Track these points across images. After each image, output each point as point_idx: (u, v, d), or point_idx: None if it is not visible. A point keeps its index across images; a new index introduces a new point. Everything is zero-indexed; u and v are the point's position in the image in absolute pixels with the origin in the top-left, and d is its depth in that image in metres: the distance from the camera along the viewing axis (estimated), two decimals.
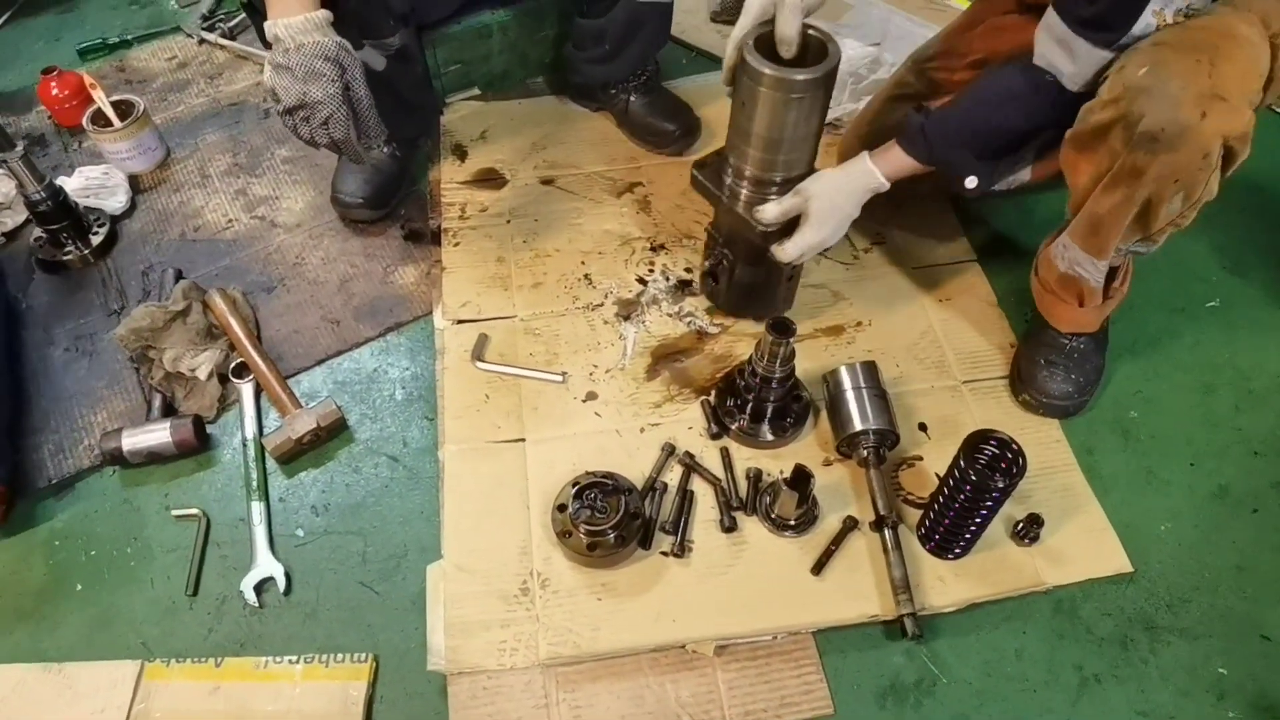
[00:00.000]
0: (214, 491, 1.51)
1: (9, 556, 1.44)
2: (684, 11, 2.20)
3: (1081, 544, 1.42)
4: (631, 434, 1.54)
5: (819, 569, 1.38)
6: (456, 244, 1.82)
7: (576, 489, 1.38)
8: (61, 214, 1.75)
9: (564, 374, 1.61)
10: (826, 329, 1.69)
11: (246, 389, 1.60)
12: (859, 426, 1.43)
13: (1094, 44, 1.23)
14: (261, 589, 1.39)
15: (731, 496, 1.45)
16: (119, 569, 1.42)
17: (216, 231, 1.88)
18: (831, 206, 1.40)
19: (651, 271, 1.77)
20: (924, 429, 1.55)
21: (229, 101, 2.16)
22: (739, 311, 1.67)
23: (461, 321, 1.69)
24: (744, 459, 1.51)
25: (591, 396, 1.59)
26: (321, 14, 1.30)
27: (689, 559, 1.40)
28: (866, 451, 1.44)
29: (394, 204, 1.89)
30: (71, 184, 1.85)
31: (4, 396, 1.56)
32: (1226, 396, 1.62)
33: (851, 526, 1.42)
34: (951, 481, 1.29)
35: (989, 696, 1.29)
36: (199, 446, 1.52)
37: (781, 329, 1.34)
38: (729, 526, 1.42)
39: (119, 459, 1.49)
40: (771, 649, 1.32)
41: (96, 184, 1.88)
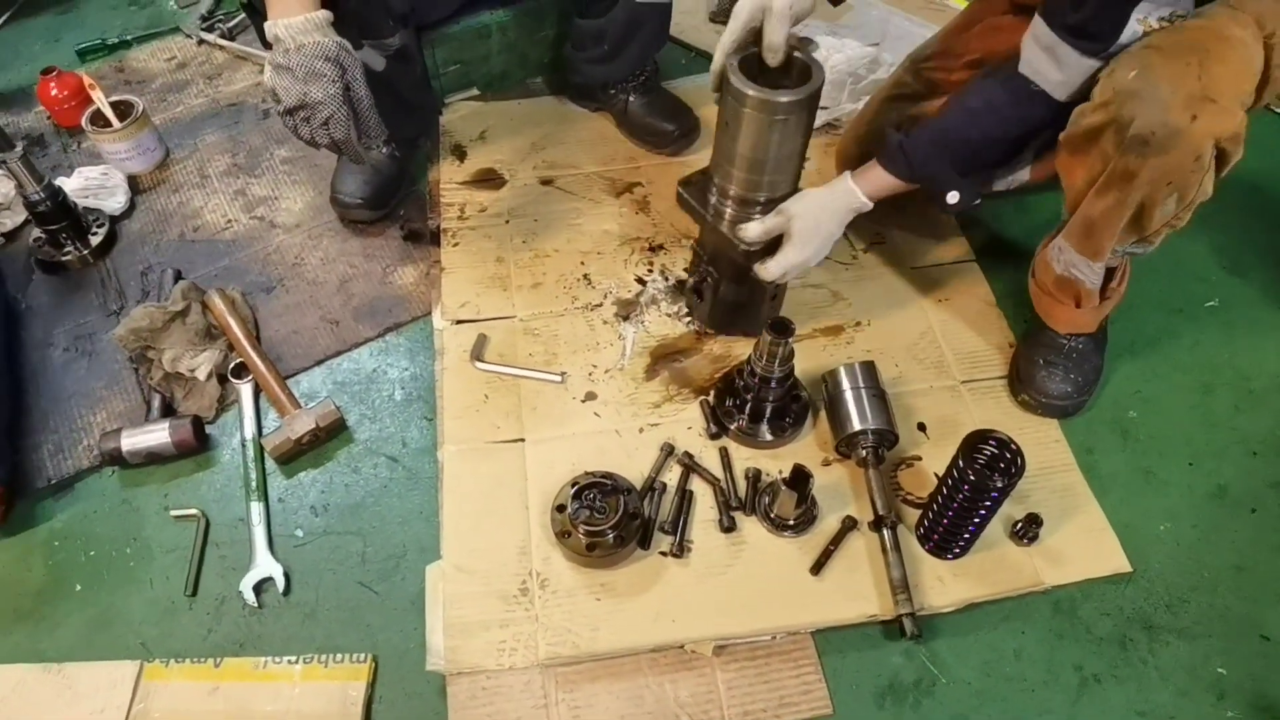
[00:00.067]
0: (213, 492, 1.51)
1: (8, 557, 1.44)
2: (683, 12, 2.20)
3: (1080, 544, 1.42)
4: (630, 434, 1.54)
5: (818, 569, 1.38)
6: (455, 244, 1.82)
7: (575, 489, 1.38)
8: (61, 214, 1.75)
9: (563, 374, 1.61)
10: (825, 329, 1.69)
11: (246, 389, 1.60)
12: (858, 426, 1.43)
13: (1082, 52, 1.23)
14: (260, 589, 1.39)
15: (730, 496, 1.45)
16: (118, 569, 1.42)
17: (216, 232, 1.88)
18: (814, 226, 1.40)
19: (650, 272, 1.78)
20: (923, 429, 1.55)
21: (228, 102, 2.16)
22: (724, 328, 1.66)
23: (461, 322, 1.69)
24: (743, 459, 1.51)
25: (590, 396, 1.59)
26: (322, 14, 1.30)
27: (688, 559, 1.40)
28: (865, 451, 1.44)
29: (393, 204, 1.89)
30: (71, 184, 1.85)
31: (3, 397, 1.56)
32: (1225, 396, 1.62)
33: (850, 526, 1.42)
34: (950, 481, 1.29)
35: (988, 696, 1.30)
36: (198, 447, 1.53)
37: (780, 329, 1.34)
38: (728, 526, 1.42)
39: (118, 459, 1.49)
40: (770, 649, 1.32)
41: (96, 184, 1.88)
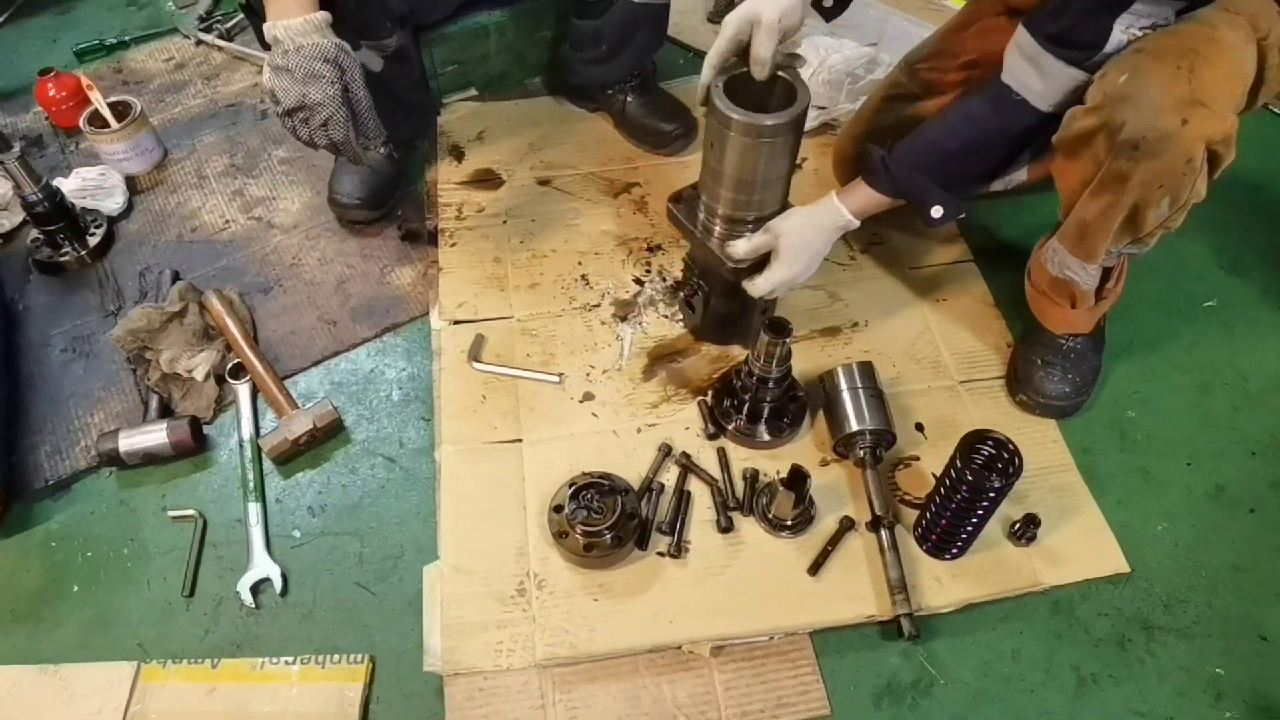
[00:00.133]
0: (210, 492, 1.50)
1: (6, 558, 1.44)
2: (681, 12, 2.20)
3: (1078, 544, 1.42)
4: (628, 434, 1.54)
5: (816, 569, 1.38)
6: (453, 244, 1.82)
7: (573, 490, 1.37)
8: (58, 215, 1.75)
9: (561, 374, 1.61)
10: (823, 330, 1.69)
11: (243, 390, 1.60)
12: (855, 427, 1.43)
13: (1065, 61, 1.23)
14: (258, 590, 1.39)
15: (728, 497, 1.45)
16: (116, 570, 1.42)
17: (213, 232, 1.88)
18: (802, 243, 1.40)
19: (648, 272, 1.77)
20: (921, 429, 1.55)
21: (226, 102, 2.16)
22: (715, 339, 1.66)
23: (458, 322, 1.69)
24: (741, 459, 1.51)
25: (588, 397, 1.59)
26: (321, 15, 1.30)
27: (686, 559, 1.40)
28: (863, 452, 1.44)
29: (391, 205, 1.89)
30: (68, 185, 1.85)
31: (1, 398, 1.56)
32: (1224, 397, 1.62)
33: (848, 527, 1.42)
34: (948, 481, 1.29)
35: (986, 697, 1.29)
36: (196, 447, 1.52)
37: (778, 329, 1.34)
38: (726, 527, 1.42)
39: (116, 460, 1.49)
40: (768, 649, 1.32)
41: (93, 185, 1.88)
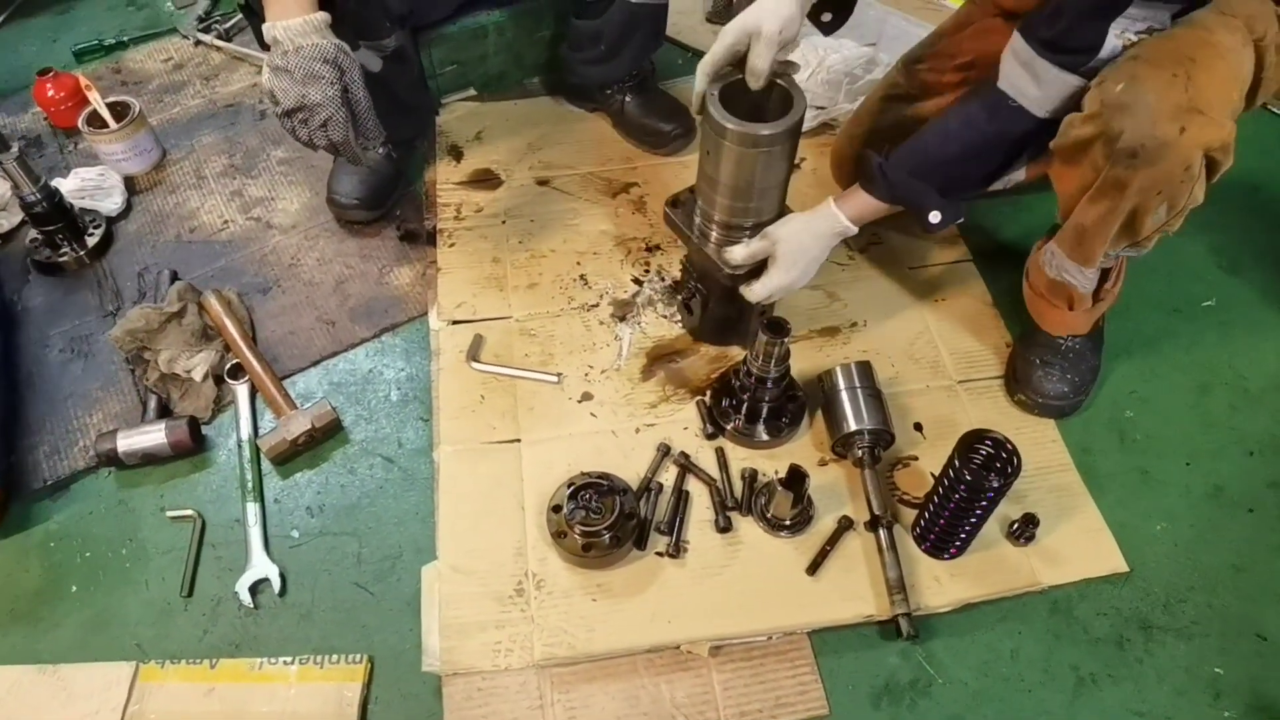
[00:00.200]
0: (209, 493, 1.50)
1: (4, 558, 1.44)
2: (679, 12, 2.20)
3: (1077, 544, 1.42)
4: (627, 434, 1.54)
5: (814, 569, 1.38)
6: (452, 245, 1.82)
7: (571, 490, 1.37)
8: (57, 215, 1.75)
9: (559, 374, 1.61)
10: (822, 329, 1.69)
11: (242, 390, 1.60)
12: (854, 426, 1.43)
13: (1060, 67, 1.22)
14: (256, 590, 1.39)
15: (727, 497, 1.45)
16: (114, 570, 1.42)
17: (212, 233, 1.88)
18: (799, 249, 1.40)
19: (647, 272, 1.77)
20: (919, 429, 1.55)
21: (225, 103, 2.16)
22: (714, 340, 1.66)
23: (457, 322, 1.69)
24: (739, 459, 1.51)
25: (587, 397, 1.59)
26: (320, 16, 1.30)
27: (684, 559, 1.40)
28: (862, 451, 1.44)
29: (389, 205, 1.89)
30: (67, 185, 1.85)
31: None
32: (1222, 396, 1.62)
33: (847, 526, 1.42)
34: (946, 481, 1.29)
35: (985, 697, 1.29)
36: (194, 448, 1.52)
37: (776, 329, 1.34)
38: (724, 527, 1.42)
39: (114, 460, 1.49)
40: (767, 649, 1.32)
41: (92, 185, 1.88)
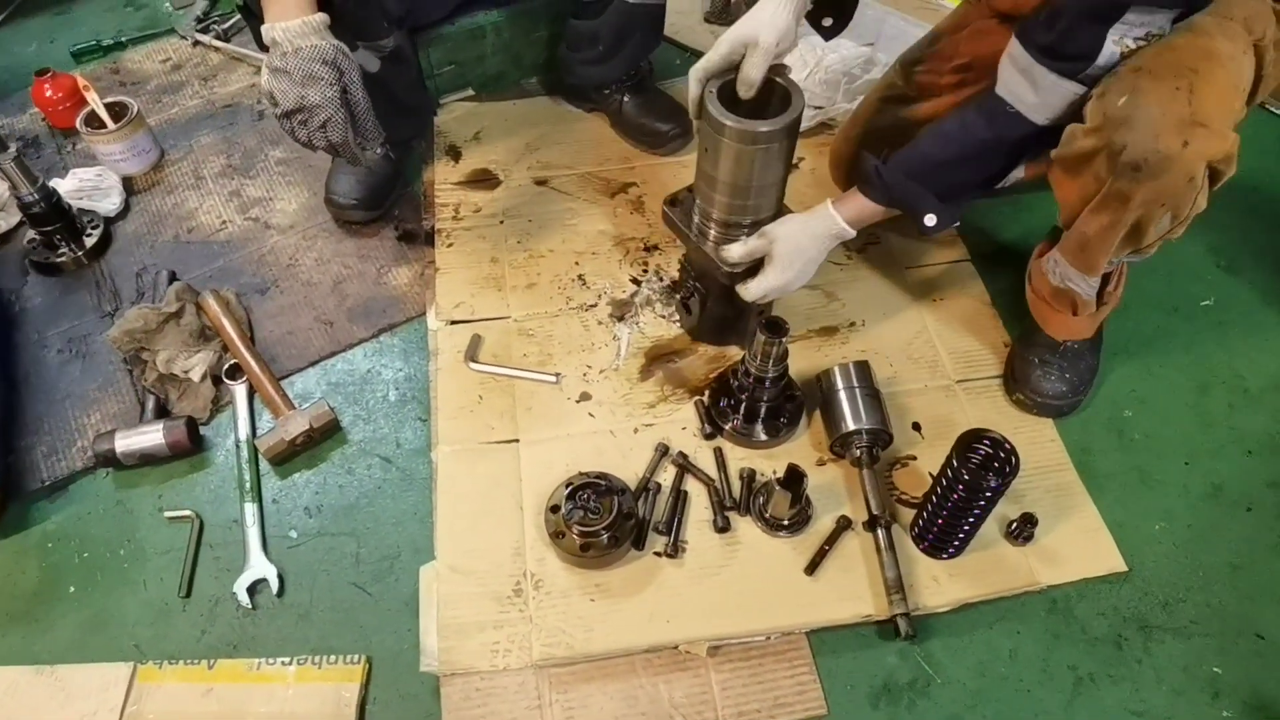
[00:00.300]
0: (207, 493, 1.50)
1: (2, 559, 1.44)
2: (678, 12, 2.21)
3: (1076, 543, 1.42)
4: (625, 434, 1.54)
5: (812, 569, 1.38)
6: (450, 245, 1.82)
7: (570, 490, 1.37)
8: (55, 216, 1.75)
9: (558, 375, 1.61)
10: (820, 329, 1.69)
11: (240, 390, 1.60)
12: (852, 426, 1.43)
13: (1058, 73, 1.22)
14: (254, 590, 1.39)
15: (725, 497, 1.45)
16: (112, 571, 1.42)
17: (210, 233, 1.88)
18: (796, 249, 1.40)
19: (645, 272, 1.77)
20: (918, 429, 1.55)
21: (223, 103, 2.16)
22: (712, 340, 1.66)
23: (455, 322, 1.69)
24: (738, 459, 1.51)
25: (585, 397, 1.59)
26: (319, 17, 1.30)
27: (682, 559, 1.40)
28: (860, 451, 1.44)
29: (388, 205, 1.89)
30: (65, 186, 1.85)
31: None
32: (1221, 396, 1.62)
33: (845, 526, 1.42)
34: (945, 481, 1.29)
35: (983, 697, 1.29)
36: (192, 448, 1.52)
37: (774, 329, 1.34)
38: (722, 527, 1.42)
39: (112, 461, 1.49)
40: (765, 649, 1.32)
41: (90, 186, 1.88)
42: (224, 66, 2.26)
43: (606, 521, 1.33)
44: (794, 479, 1.33)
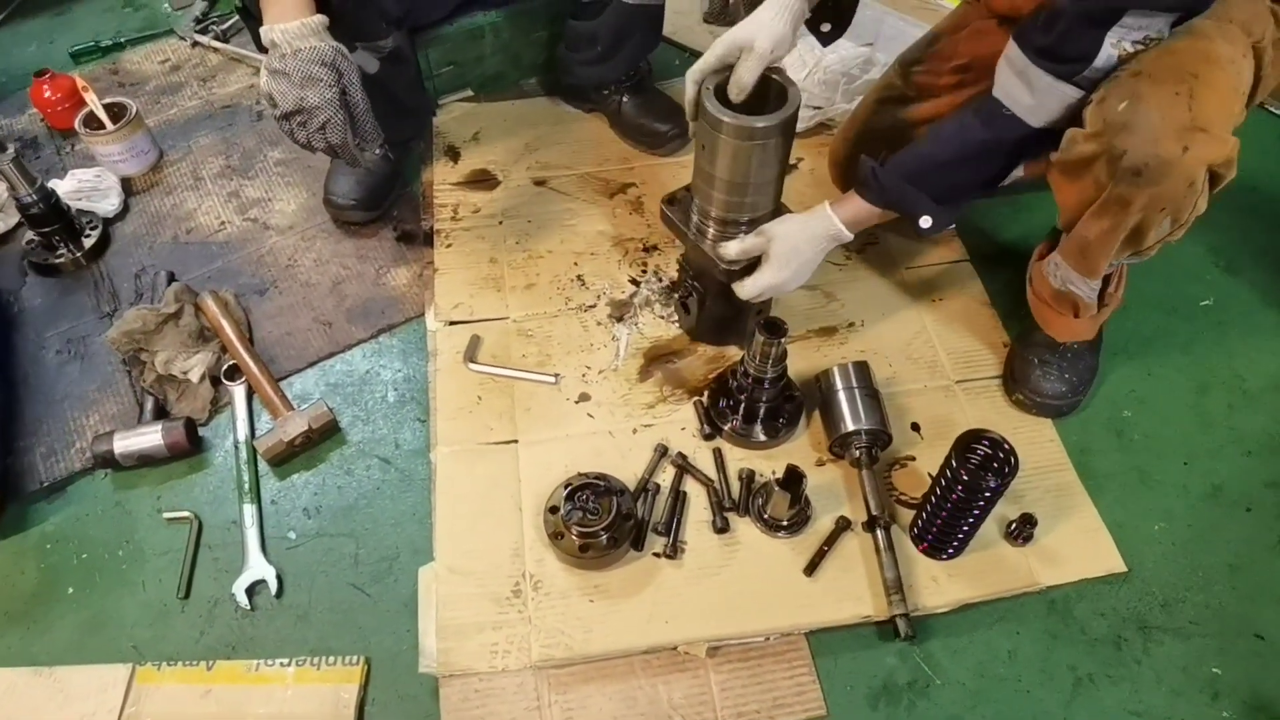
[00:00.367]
0: (206, 494, 1.50)
1: (0, 560, 1.43)
2: (677, 13, 2.20)
3: (1075, 544, 1.42)
4: (624, 435, 1.54)
5: (812, 570, 1.38)
6: (449, 245, 1.82)
7: (569, 490, 1.37)
8: (54, 217, 1.75)
9: (557, 375, 1.60)
10: (819, 330, 1.68)
11: (238, 391, 1.60)
12: (851, 427, 1.43)
13: (1055, 76, 1.21)
14: (253, 591, 1.39)
15: (724, 497, 1.45)
16: (110, 572, 1.42)
17: (209, 234, 1.87)
18: (793, 250, 1.40)
19: (644, 272, 1.77)
20: (917, 429, 1.55)
21: (222, 104, 2.16)
22: (711, 340, 1.66)
23: (454, 323, 1.69)
24: (737, 460, 1.51)
25: (584, 398, 1.59)
26: (317, 19, 1.30)
27: (681, 560, 1.39)
28: (859, 452, 1.44)
29: (386, 205, 1.89)
30: (64, 187, 1.85)
31: None
32: (1220, 396, 1.62)
33: (844, 527, 1.42)
34: (944, 482, 1.29)
35: (982, 697, 1.29)
36: (191, 449, 1.52)
37: (773, 329, 1.34)
38: (721, 527, 1.42)
39: (111, 462, 1.49)
40: (764, 650, 1.32)
41: (89, 186, 1.88)
42: (223, 67, 2.26)
43: (605, 522, 1.33)
44: (793, 479, 1.33)
